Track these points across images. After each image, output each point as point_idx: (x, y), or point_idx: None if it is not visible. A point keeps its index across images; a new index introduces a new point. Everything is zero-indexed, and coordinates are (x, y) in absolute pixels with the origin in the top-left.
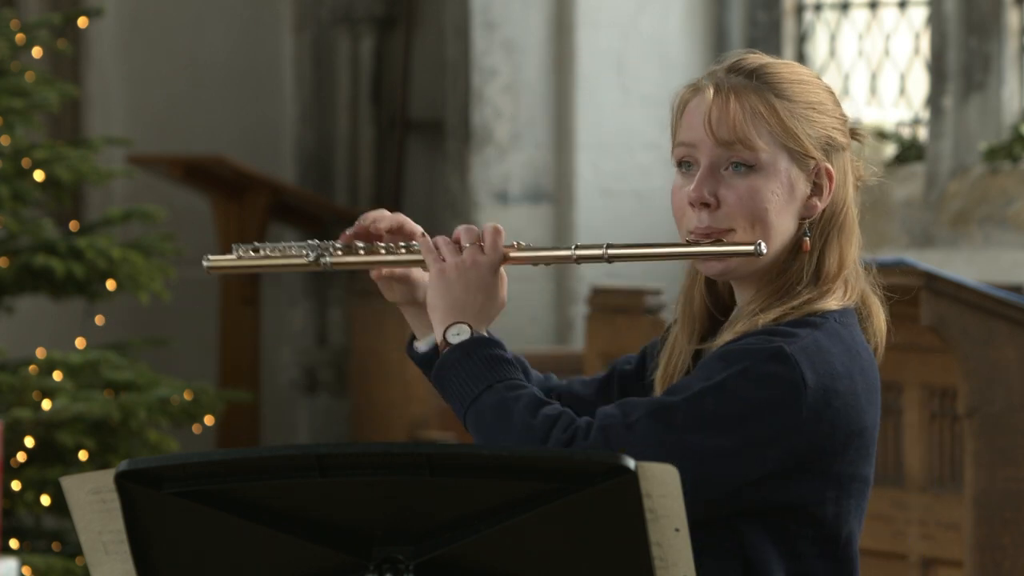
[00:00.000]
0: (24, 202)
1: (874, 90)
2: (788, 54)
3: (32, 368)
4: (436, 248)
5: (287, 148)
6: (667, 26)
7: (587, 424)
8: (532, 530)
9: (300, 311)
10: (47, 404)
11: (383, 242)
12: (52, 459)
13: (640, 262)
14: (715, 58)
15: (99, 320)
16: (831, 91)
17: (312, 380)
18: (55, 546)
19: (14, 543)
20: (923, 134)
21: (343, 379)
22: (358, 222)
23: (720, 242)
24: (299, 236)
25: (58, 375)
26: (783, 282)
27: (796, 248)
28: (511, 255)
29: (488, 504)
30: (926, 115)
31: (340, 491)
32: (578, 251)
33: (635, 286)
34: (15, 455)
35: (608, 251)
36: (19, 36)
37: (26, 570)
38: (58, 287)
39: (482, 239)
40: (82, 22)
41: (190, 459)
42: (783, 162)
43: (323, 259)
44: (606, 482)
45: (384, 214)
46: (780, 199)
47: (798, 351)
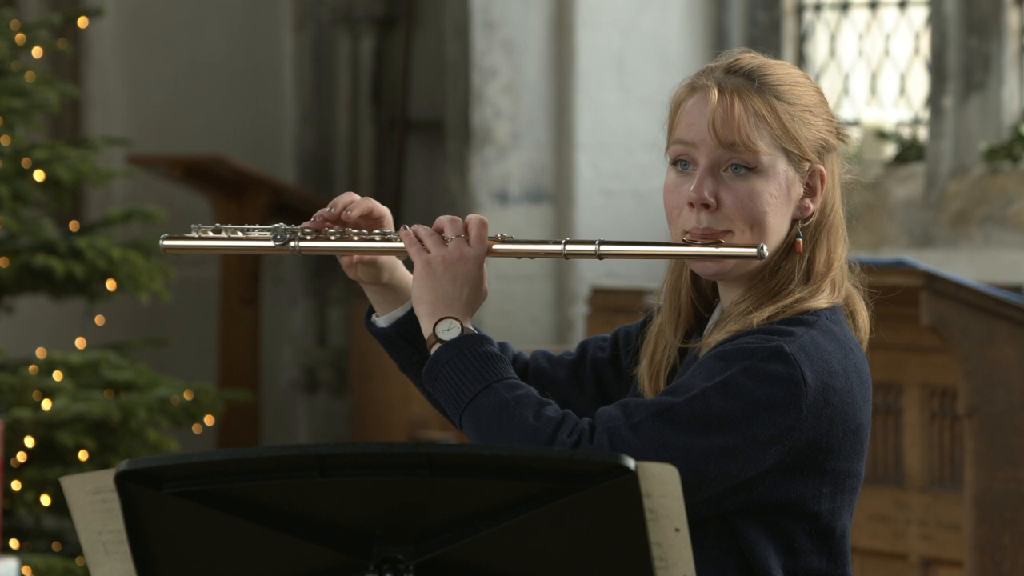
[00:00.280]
0: (24, 202)
1: (874, 90)
2: (788, 54)
3: (32, 368)
4: (419, 239)
5: (287, 148)
6: (667, 26)
7: (590, 426)
8: (532, 530)
9: (300, 311)
10: (47, 404)
11: (355, 228)
12: (52, 459)
13: (637, 260)
14: (710, 57)
15: (99, 320)
16: (822, 92)
17: (312, 380)
18: (55, 546)
19: (14, 543)
20: (923, 134)
21: (343, 379)
22: (329, 209)
23: (719, 243)
24: None
25: (58, 375)
26: (775, 281)
27: (788, 248)
28: (495, 247)
29: (488, 504)
30: (926, 115)
31: (340, 491)
32: (568, 246)
33: (635, 286)
34: (15, 455)
35: (600, 247)
36: (19, 36)
37: (26, 570)
38: (58, 287)
39: (467, 231)
40: (82, 22)
41: (190, 459)
42: (781, 164)
43: (292, 243)
44: (606, 482)
45: (354, 199)
46: (777, 201)
47: (797, 350)
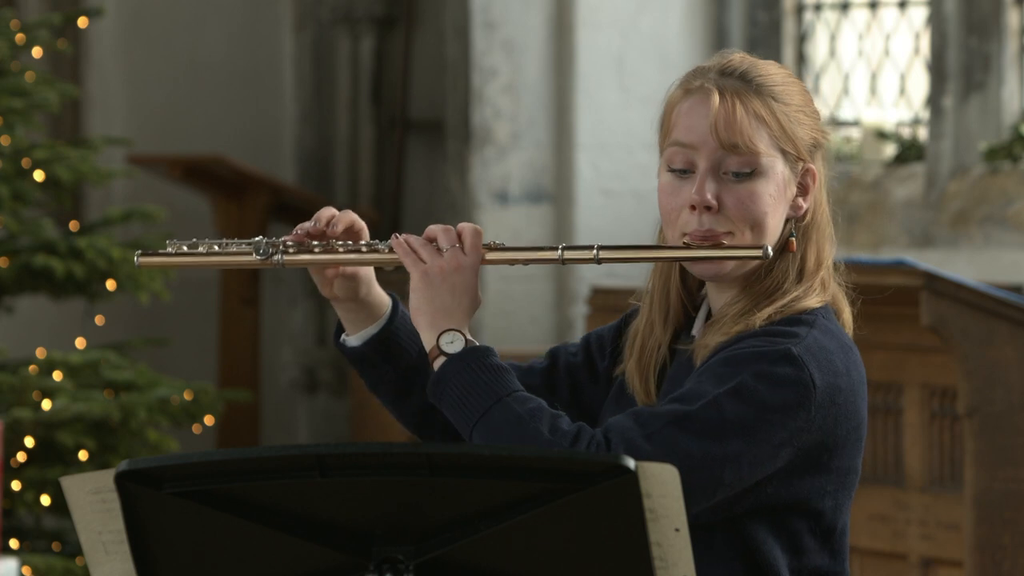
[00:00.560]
0: (24, 202)
1: (874, 90)
2: (788, 54)
3: (32, 368)
4: (413, 249)
5: (287, 148)
6: (667, 26)
7: (605, 438)
8: (532, 530)
9: (300, 311)
10: (47, 404)
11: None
12: (52, 459)
13: (636, 263)
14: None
15: (99, 320)
16: (807, 91)
17: (312, 380)
18: (55, 546)
19: (14, 543)
20: (923, 134)
21: (343, 379)
22: (313, 223)
23: (721, 245)
24: None
25: (58, 375)
26: (770, 281)
27: (781, 248)
28: (488, 256)
29: (488, 504)
30: (926, 115)
31: (340, 491)
32: (566, 253)
33: (635, 286)
34: (15, 455)
35: (599, 253)
36: (19, 36)
37: (26, 570)
38: (58, 287)
39: (461, 240)
40: (82, 22)
41: (190, 459)
42: (779, 164)
43: (275, 257)
44: (606, 482)
45: (333, 213)
46: (776, 201)
47: (804, 351)
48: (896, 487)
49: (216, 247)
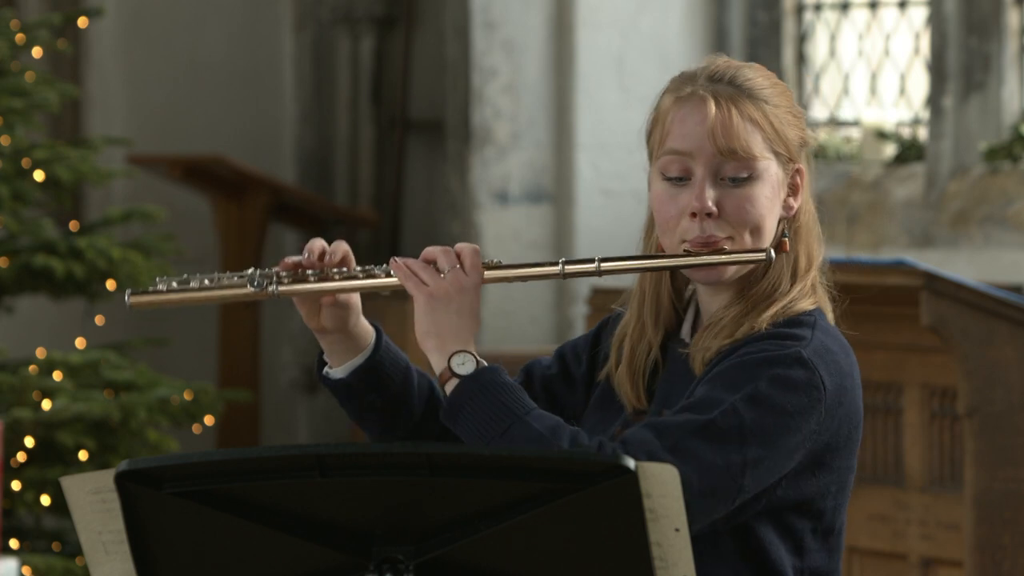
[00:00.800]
0: (24, 202)
1: (874, 90)
2: (788, 54)
3: (32, 368)
4: (413, 272)
5: (287, 148)
6: (667, 26)
7: (625, 452)
8: (532, 530)
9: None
10: (47, 404)
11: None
12: (52, 459)
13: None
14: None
15: (99, 320)
16: (790, 91)
17: (312, 380)
18: (55, 546)
19: (14, 543)
20: (923, 134)
21: None
22: (306, 255)
23: (723, 250)
24: (299, 236)
25: (58, 375)
26: (767, 283)
27: (776, 249)
28: (487, 275)
29: (488, 504)
30: (926, 115)
31: (340, 491)
32: (567, 267)
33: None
34: (15, 455)
35: (600, 265)
36: (19, 36)
37: (26, 570)
38: (58, 287)
39: (460, 260)
40: (82, 22)
41: (190, 459)
42: (773, 167)
43: (270, 288)
44: (606, 482)
45: (324, 244)
46: (771, 203)
47: (812, 354)
48: (896, 487)
49: (207, 281)
